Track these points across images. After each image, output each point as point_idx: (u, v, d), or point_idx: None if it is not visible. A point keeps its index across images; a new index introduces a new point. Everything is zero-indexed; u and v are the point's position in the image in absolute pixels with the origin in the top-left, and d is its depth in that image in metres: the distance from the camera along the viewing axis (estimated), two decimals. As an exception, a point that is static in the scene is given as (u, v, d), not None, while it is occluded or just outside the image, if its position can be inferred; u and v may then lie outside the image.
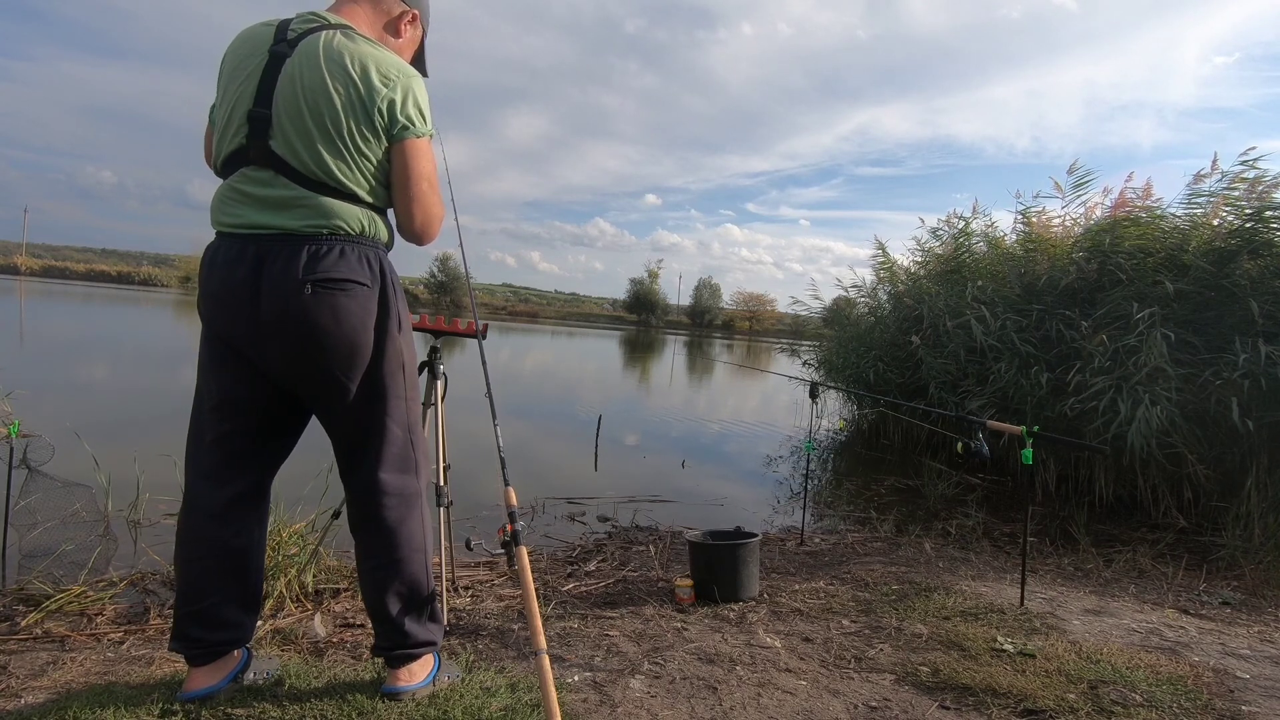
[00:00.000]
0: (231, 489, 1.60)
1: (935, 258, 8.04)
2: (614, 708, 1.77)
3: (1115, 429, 4.58)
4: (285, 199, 1.50)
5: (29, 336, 13.13)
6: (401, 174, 1.57)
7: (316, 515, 2.74)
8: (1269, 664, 2.30)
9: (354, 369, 1.55)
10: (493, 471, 1.88)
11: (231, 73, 1.55)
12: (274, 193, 1.50)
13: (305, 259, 1.48)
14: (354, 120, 1.50)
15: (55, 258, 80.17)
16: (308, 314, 1.47)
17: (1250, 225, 5.06)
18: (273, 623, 2.23)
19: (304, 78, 1.49)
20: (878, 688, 1.97)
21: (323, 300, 1.48)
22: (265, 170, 1.50)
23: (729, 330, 56.58)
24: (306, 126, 1.49)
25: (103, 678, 1.78)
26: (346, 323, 1.51)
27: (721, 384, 15.77)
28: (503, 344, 22.64)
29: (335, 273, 1.50)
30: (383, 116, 1.52)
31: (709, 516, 4.49)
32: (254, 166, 1.51)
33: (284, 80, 1.49)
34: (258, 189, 1.51)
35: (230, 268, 1.50)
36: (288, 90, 1.49)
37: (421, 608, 1.68)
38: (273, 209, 1.50)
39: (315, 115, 1.48)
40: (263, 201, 1.50)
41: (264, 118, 1.49)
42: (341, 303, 1.50)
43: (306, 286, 1.47)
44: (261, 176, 1.51)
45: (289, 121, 1.49)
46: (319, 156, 1.49)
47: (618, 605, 2.65)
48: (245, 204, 1.51)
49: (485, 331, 2.27)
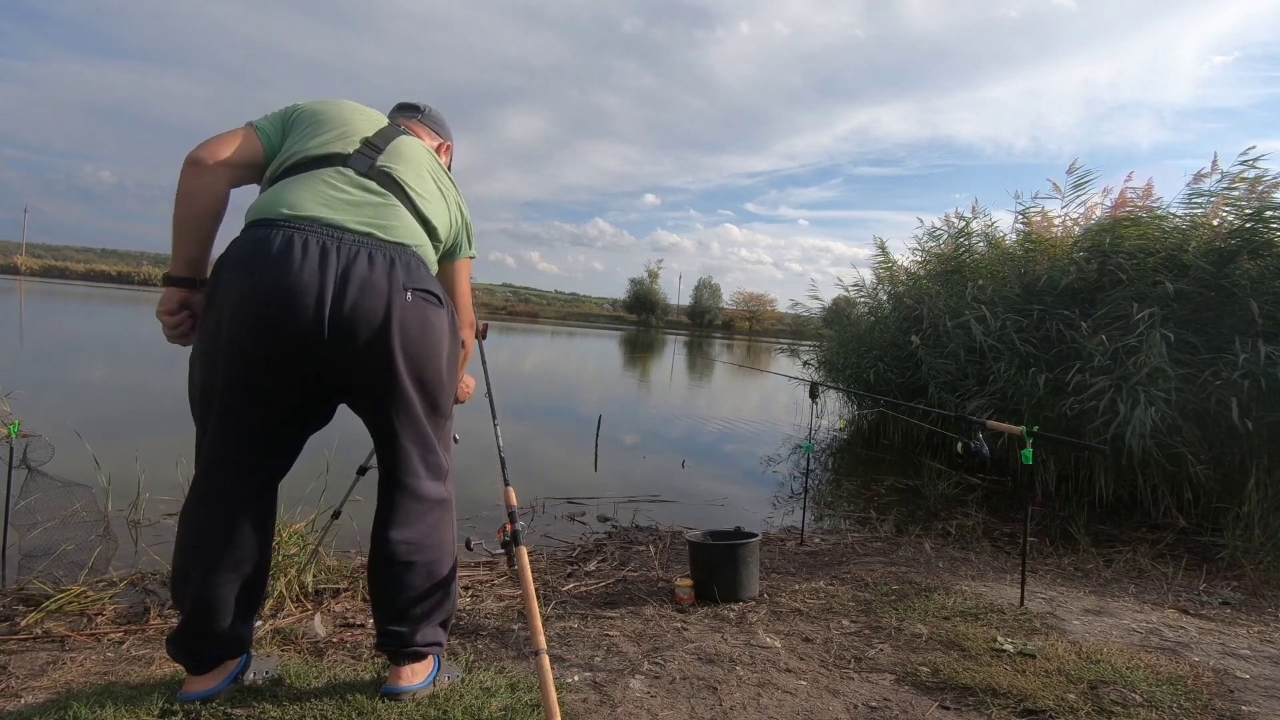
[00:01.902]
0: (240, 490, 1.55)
1: (935, 258, 8.04)
2: (614, 708, 1.77)
3: (1115, 429, 4.58)
4: (385, 209, 1.55)
5: (29, 336, 13.13)
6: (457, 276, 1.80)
7: (316, 515, 2.74)
8: (1269, 664, 2.30)
9: (428, 380, 1.59)
10: (493, 471, 1.88)
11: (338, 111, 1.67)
12: (373, 199, 1.54)
13: (403, 266, 1.52)
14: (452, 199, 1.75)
15: (55, 258, 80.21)
16: (407, 318, 1.50)
17: (1250, 225, 5.06)
18: (273, 623, 2.23)
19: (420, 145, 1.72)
20: (878, 688, 1.97)
21: (420, 308, 1.54)
22: (369, 180, 1.56)
23: (729, 330, 56.59)
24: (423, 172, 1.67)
25: (103, 678, 1.78)
26: (434, 333, 1.58)
27: (721, 384, 15.77)
28: (503, 344, 22.64)
29: (429, 285, 1.58)
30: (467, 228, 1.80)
31: (709, 516, 4.49)
32: (356, 174, 1.55)
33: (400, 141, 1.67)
34: (354, 191, 1.53)
35: (294, 259, 1.42)
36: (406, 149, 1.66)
37: (441, 610, 1.69)
38: (365, 211, 1.52)
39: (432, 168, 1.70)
40: (354, 204, 1.52)
41: (377, 148, 1.61)
42: (432, 314, 1.57)
43: (408, 293, 1.51)
44: (363, 183, 1.55)
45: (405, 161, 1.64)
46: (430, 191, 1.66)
47: (618, 605, 2.65)
48: (330, 199, 1.51)
49: (485, 331, 2.27)
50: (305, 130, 1.61)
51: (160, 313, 1.60)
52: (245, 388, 1.48)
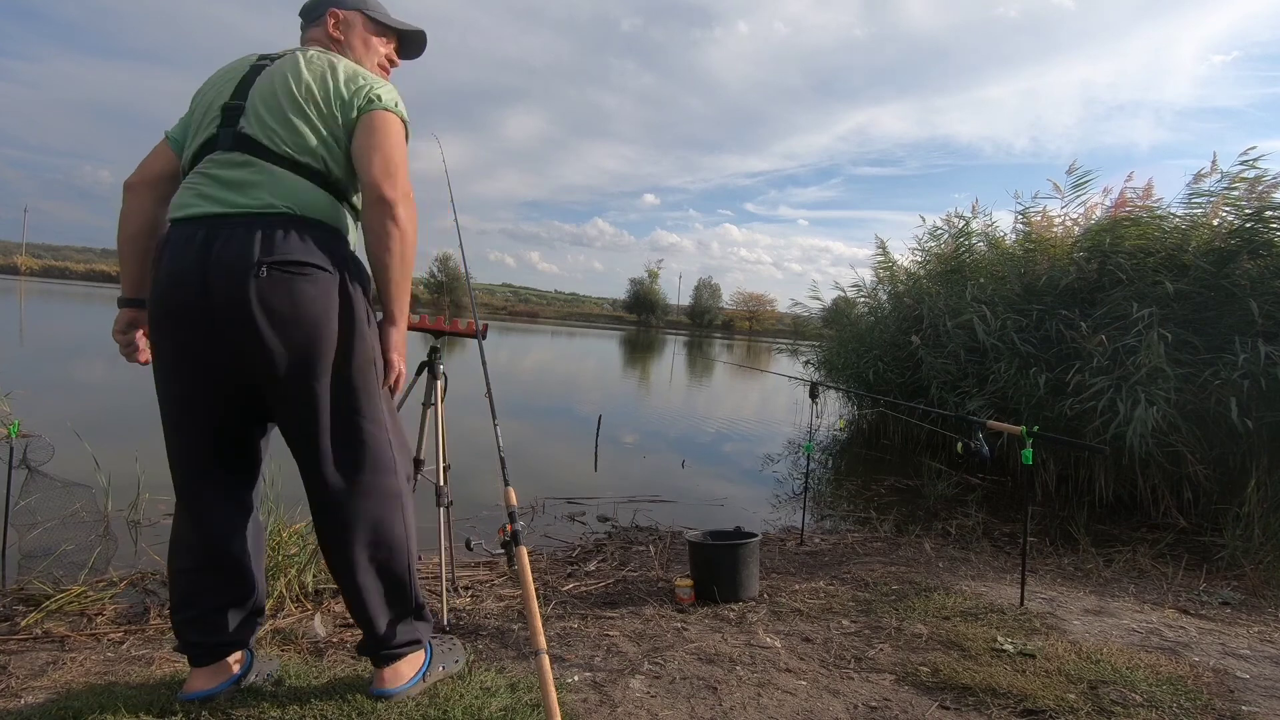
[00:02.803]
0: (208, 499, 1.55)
1: (935, 258, 8.04)
2: (614, 708, 1.77)
3: (1114, 429, 4.58)
4: (246, 179, 1.44)
5: (29, 337, 13.13)
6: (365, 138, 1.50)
7: (316, 515, 2.73)
8: (1269, 664, 2.30)
9: (317, 363, 1.44)
10: (493, 471, 1.88)
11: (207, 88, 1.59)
12: (235, 174, 1.45)
13: (260, 239, 1.39)
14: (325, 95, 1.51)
15: (55, 258, 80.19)
16: (263, 298, 1.37)
17: (1250, 225, 5.06)
18: (273, 623, 2.23)
19: (281, 70, 1.53)
20: (878, 688, 1.97)
21: (279, 284, 1.38)
22: (231, 153, 1.47)
23: (729, 330, 56.59)
24: (279, 104, 1.49)
25: (103, 678, 1.77)
26: (306, 310, 1.41)
27: (721, 384, 15.77)
28: (503, 344, 22.64)
29: (294, 255, 1.40)
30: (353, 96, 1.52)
31: (709, 516, 4.49)
32: (220, 151, 1.48)
33: (262, 78, 1.53)
34: (219, 170, 1.46)
35: (177, 256, 1.42)
36: (264, 82, 1.52)
37: (405, 607, 1.64)
38: (230, 189, 1.44)
39: (287, 92, 1.49)
40: (221, 183, 1.44)
41: (238, 107, 1.50)
42: (301, 287, 1.40)
43: (261, 269, 1.37)
44: (227, 158, 1.47)
45: (262, 104, 1.49)
46: (289, 125, 1.47)
47: (618, 605, 2.65)
48: (202, 187, 1.46)
49: (485, 332, 2.27)
50: (192, 123, 1.57)
51: (113, 333, 1.65)
52: (176, 397, 1.50)
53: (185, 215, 1.45)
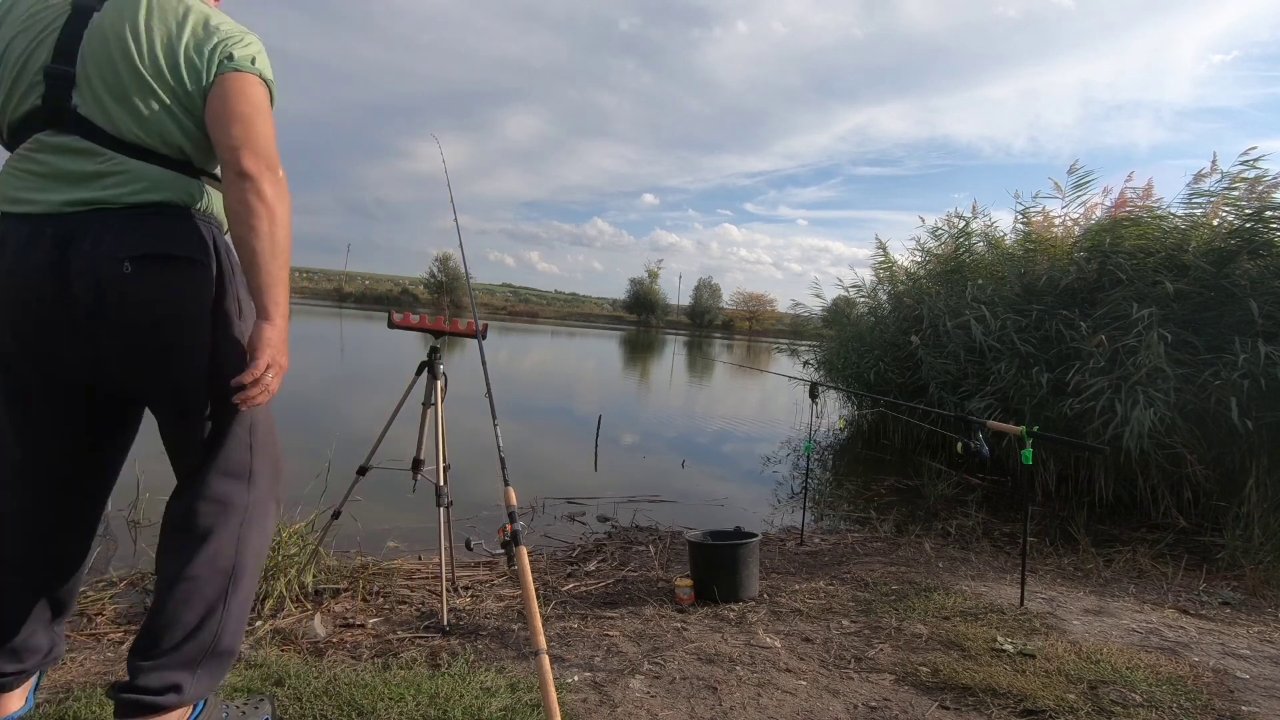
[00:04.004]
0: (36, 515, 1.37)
1: (935, 258, 8.04)
2: (614, 708, 1.77)
3: (1114, 429, 4.58)
4: (93, 170, 1.26)
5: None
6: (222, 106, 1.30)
7: (316, 515, 2.74)
8: (1269, 664, 2.30)
9: (190, 358, 1.32)
10: (493, 471, 1.88)
11: (13, 33, 1.29)
12: (78, 164, 1.26)
13: (125, 233, 1.25)
14: (173, 63, 1.29)
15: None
16: (132, 295, 1.25)
17: (1250, 225, 5.06)
18: (273, 623, 2.23)
19: (117, 25, 1.27)
20: (878, 688, 1.97)
21: (148, 279, 1.26)
22: (67, 136, 1.26)
23: (729, 330, 56.60)
24: (120, 79, 1.26)
25: (103, 678, 1.77)
26: (179, 305, 1.29)
27: (721, 384, 15.77)
28: (502, 344, 22.64)
29: (162, 247, 1.28)
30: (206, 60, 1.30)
31: (709, 516, 4.49)
32: (52, 132, 1.27)
33: (92, 33, 1.27)
34: (59, 159, 1.26)
35: (22, 254, 1.24)
36: (97, 42, 1.27)
37: (197, 645, 1.31)
38: (79, 182, 1.26)
39: (129, 64, 1.26)
40: (65, 175, 1.26)
41: (65, 75, 1.26)
42: (171, 281, 1.29)
43: (125, 264, 1.24)
44: (63, 143, 1.26)
45: (98, 76, 1.26)
46: (135, 111, 1.27)
47: (618, 605, 2.65)
48: (41, 178, 1.26)
49: (485, 332, 2.28)
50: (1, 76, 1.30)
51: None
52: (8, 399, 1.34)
53: (26, 211, 1.26)
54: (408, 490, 2.61)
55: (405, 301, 50.00)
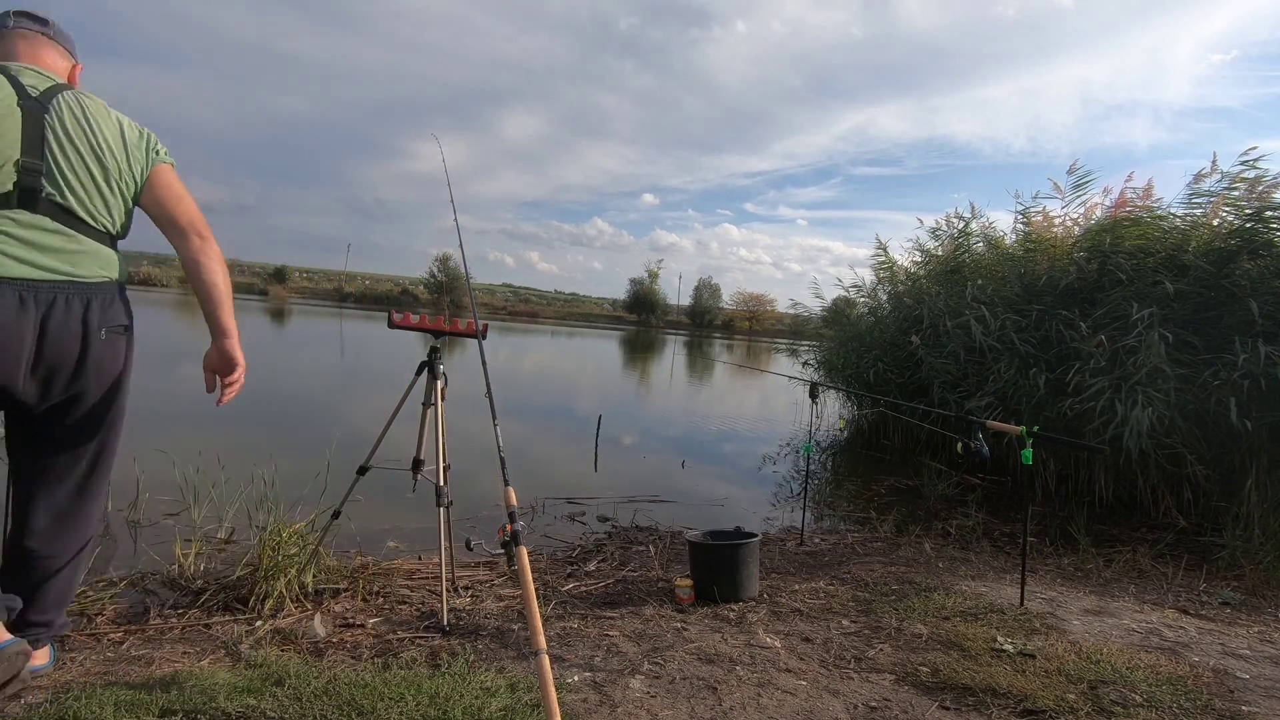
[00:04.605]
0: None
1: (935, 258, 8.04)
2: (614, 708, 1.77)
3: (1114, 429, 4.58)
4: (67, 249, 1.58)
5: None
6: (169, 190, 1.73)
7: (316, 515, 2.74)
8: (1269, 664, 2.30)
9: (115, 400, 1.72)
10: (493, 471, 1.88)
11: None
12: (54, 241, 1.56)
13: (98, 306, 1.61)
14: (126, 159, 1.67)
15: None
16: (103, 356, 1.63)
17: (1250, 225, 5.06)
18: (273, 623, 2.23)
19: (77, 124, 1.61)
20: (878, 688, 1.97)
21: (112, 344, 1.66)
22: (43, 218, 1.55)
23: (729, 330, 56.61)
24: (90, 173, 1.61)
25: (103, 678, 1.78)
26: (123, 361, 1.71)
27: (721, 384, 15.77)
28: (502, 344, 22.64)
29: (120, 320, 1.68)
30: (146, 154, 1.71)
31: (709, 516, 4.49)
32: (27, 212, 1.54)
33: (56, 136, 1.58)
34: (32, 234, 1.54)
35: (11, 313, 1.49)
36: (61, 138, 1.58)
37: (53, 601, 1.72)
38: (53, 256, 1.56)
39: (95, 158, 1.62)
40: (39, 248, 1.54)
41: (36, 168, 1.55)
42: (121, 345, 1.69)
43: (102, 332, 1.62)
44: (38, 222, 1.55)
45: (69, 169, 1.58)
46: (104, 200, 1.64)
47: (618, 605, 2.65)
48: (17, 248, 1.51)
49: (485, 332, 2.28)
50: None
51: None
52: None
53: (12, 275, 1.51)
54: (408, 490, 2.61)
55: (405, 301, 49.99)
